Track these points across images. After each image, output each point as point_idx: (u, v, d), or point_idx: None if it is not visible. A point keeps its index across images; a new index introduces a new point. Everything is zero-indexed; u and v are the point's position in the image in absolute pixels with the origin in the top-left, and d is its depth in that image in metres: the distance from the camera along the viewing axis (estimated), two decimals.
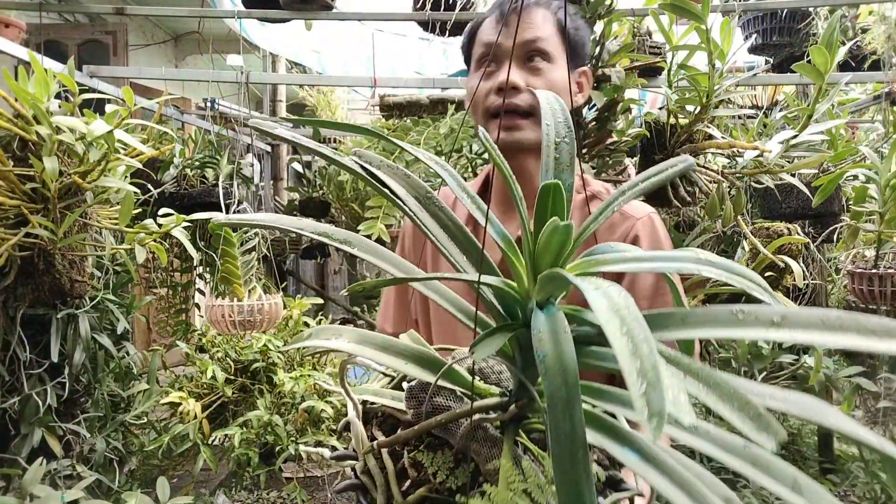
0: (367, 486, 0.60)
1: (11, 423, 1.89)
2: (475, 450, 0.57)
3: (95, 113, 1.73)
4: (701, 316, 0.49)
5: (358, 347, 0.60)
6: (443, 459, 0.58)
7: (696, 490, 0.44)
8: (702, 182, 1.95)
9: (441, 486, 0.57)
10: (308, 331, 0.63)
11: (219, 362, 2.89)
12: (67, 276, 1.80)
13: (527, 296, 0.53)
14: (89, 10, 3.31)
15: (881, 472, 2.60)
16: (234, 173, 2.81)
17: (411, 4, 3.08)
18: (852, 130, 4.24)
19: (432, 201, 0.61)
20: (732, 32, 1.83)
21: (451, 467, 0.57)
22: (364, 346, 0.60)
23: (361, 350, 0.60)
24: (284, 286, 4.24)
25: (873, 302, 2.24)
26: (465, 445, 0.57)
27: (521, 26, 0.99)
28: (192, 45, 5.82)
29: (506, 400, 0.58)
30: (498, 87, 0.99)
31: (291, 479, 2.99)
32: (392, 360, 0.60)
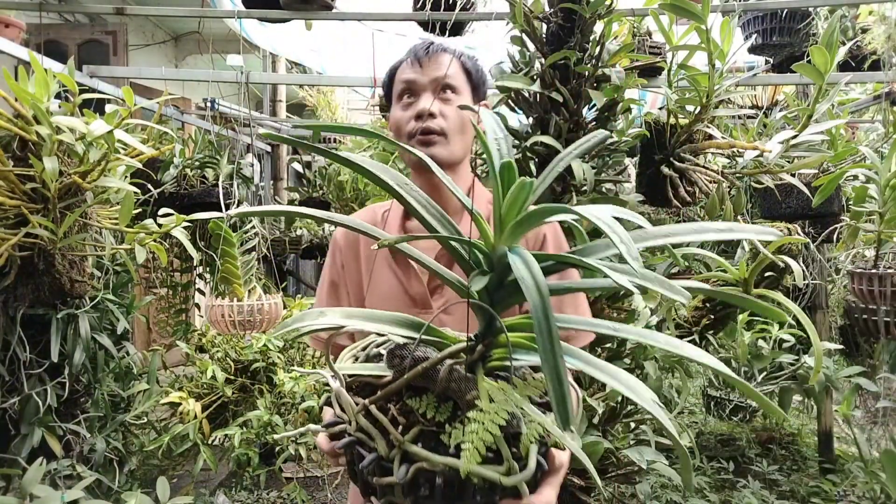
0: (364, 439, 0.69)
1: (11, 423, 1.89)
2: (454, 389, 0.69)
3: (95, 113, 1.74)
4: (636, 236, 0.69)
5: (347, 320, 0.72)
6: (428, 400, 0.70)
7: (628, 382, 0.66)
8: (702, 182, 1.95)
9: (431, 422, 0.68)
10: (292, 317, 0.73)
11: (219, 362, 2.89)
12: (67, 276, 1.80)
13: (493, 249, 0.68)
14: (89, 10, 3.31)
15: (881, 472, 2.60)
16: (234, 173, 2.81)
17: (411, 4, 3.08)
18: (852, 130, 4.24)
19: (409, 187, 0.73)
20: (732, 32, 1.83)
21: (436, 406, 0.69)
22: (351, 318, 0.73)
23: (350, 322, 0.72)
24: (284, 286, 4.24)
25: (873, 302, 2.24)
26: (444, 387, 0.69)
27: (432, 66, 1.23)
28: (192, 45, 5.82)
29: (473, 343, 0.71)
30: (417, 114, 1.20)
31: (291, 479, 3.00)
32: (378, 326, 0.73)
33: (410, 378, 0.69)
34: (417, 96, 1.22)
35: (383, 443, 0.68)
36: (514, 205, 0.66)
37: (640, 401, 0.65)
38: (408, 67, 1.24)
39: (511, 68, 2.07)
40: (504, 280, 0.69)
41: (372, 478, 0.68)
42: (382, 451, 0.67)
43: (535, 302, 0.56)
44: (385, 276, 1.24)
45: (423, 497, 0.66)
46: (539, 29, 1.97)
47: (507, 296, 0.70)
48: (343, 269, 1.28)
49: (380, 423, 0.69)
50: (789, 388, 2.94)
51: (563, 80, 1.94)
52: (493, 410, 0.64)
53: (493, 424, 0.63)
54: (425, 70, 1.22)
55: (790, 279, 2.23)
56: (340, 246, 1.30)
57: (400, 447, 0.67)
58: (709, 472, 3.50)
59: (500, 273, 0.68)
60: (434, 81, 1.22)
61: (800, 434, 4.03)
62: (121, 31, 3.81)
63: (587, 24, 1.92)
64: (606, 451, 1.83)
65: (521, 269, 0.60)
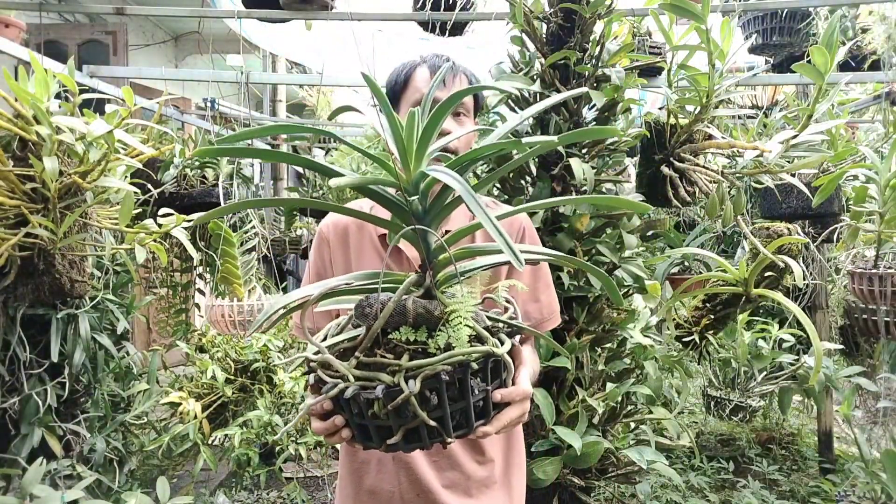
0: (366, 384, 0.77)
1: (11, 423, 1.89)
2: (421, 314, 0.80)
3: (95, 113, 1.73)
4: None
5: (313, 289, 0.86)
6: (406, 330, 0.80)
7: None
8: (702, 182, 1.95)
9: (416, 344, 0.79)
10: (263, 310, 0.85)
11: (219, 362, 2.89)
12: (67, 276, 1.80)
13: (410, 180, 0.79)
14: (89, 10, 3.31)
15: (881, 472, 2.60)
16: (234, 173, 2.81)
17: (411, 4, 3.08)
18: (852, 130, 4.23)
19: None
20: (732, 32, 1.83)
21: (414, 331, 0.80)
22: (317, 288, 0.86)
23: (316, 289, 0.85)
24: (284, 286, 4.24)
25: (873, 302, 2.23)
26: (415, 315, 0.80)
27: (455, 85, 1.30)
28: (192, 45, 5.82)
29: (421, 274, 0.84)
30: None
31: (291, 479, 2.99)
32: (342, 283, 0.86)
33: (386, 317, 0.78)
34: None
35: (386, 376, 0.76)
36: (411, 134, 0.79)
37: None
38: (424, 79, 1.29)
39: (511, 68, 2.07)
40: (426, 205, 0.81)
41: (384, 410, 0.74)
42: (389, 381, 0.75)
43: (460, 187, 0.68)
44: (374, 265, 1.28)
45: (434, 407, 0.75)
46: (539, 29, 1.97)
47: (433, 218, 0.82)
48: (330, 261, 1.32)
49: (376, 363, 0.78)
50: (789, 388, 2.94)
51: (563, 80, 1.94)
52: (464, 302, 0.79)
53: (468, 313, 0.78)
54: (447, 90, 1.27)
55: (790, 279, 2.23)
56: (327, 238, 1.34)
57: (402, 369, 0.75)
58: (709, 472, 3.50)
59: (422, 196, 0.79)
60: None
61: (800, 434, 4.03)
62: (121, 31, 3.81)
63: (587, 24, 1.92)
64: (606, 451, 1.83)
65: (439, 171, 0.71)
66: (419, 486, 1.20)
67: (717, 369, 3.65)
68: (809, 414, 4.07)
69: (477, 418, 0.81)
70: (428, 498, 1.20)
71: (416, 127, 0.79)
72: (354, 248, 1.31)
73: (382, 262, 1.26)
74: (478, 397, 0.80)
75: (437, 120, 0.79)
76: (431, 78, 1.27)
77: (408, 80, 1.31)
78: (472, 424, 0.80)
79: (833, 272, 3.39)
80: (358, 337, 0.82)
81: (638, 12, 2.50)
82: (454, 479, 1.22)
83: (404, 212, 0.81)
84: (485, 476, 1.24)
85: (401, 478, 1.21)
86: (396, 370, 0.75)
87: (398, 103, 1.33)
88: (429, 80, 1.28)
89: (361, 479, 1.26)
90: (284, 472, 2.81)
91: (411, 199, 0.79)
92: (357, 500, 1.26)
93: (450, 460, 1.22)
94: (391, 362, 0.76)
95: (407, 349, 0.78)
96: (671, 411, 2.19)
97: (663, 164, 1.99)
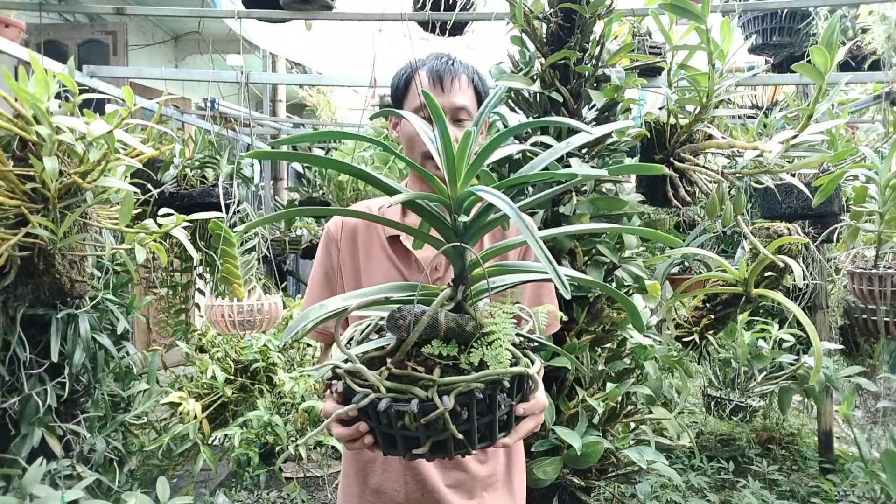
0: (398, 396, 0.77)
1: (11, 423, 1.89)
2: (452, 328, 0.80)
3: (95, 113, 1.73)
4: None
5: (345, 302, 0.84)
6: (438, 344, 0.79)
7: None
8: (702, 182, 1.95)
9: (447, 358, 0.79)
10: (295, 318, 0.82)
11: (219, 362, 2.89)
12: (67, 276, 1.80)
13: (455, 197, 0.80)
14: (89, 10, 3.31)
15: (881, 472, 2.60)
16: (234, 173, 2.81)
17: (411, 4, 3.07)
18: (852, 130, 4.23)
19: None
20: (732, 32, 1.83)
21: (446, 346, 0.79)
22: (349, 300, 0.85)
23: (349, 302, 0.83)
24: (284, 286, 4.24)
25: (873, 302, 2.23)
26: (447, 329, 0.79)
27: (452, 91, 1.28)
28: (192, 45, 5.82)
29: (454, 288, 0.84)
30: None
31: (291, 479, 2.99)
32: (376, 297, 0.85)
33: (420, 330, 0.78)
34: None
35: (419, 390, 0.76)
36: (463, 154, 0.78)
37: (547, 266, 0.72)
38: (429, 87, 1.27)
39: (511, 68, 2.07)
40: (468, 222, 0.81)
41: (415, 423, 0.75)
42: (422, 395, 0.75)
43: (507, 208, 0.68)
44: (384, 266, 1.28)
45: (464, 421, 0.76)
46: (539, 29, 1.97)
47: (472, 235, 0.82)
48: (339, 261, 1.31)
49: (409, 376, 0.78)
50: (789, 388, 2.94)
51: (563, 80, 1.93)
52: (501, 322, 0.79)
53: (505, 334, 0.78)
54: (446, 95, 1.26)
55: (790, 279, 2.23)
56: (336, 237, 1.33)
57: (435, 384, 0.75)
58: (709, 472, 3.50)
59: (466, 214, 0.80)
60: (452, 109, 1.27)
61: (800, 434, 4.03)
62: (121, 31, 3.81)
63: (587, 24, 1.92)
64: (606, 451, 1.83)
65: (488, 191, 0.72)
66: (424, 486, 1.20)
67: (717, 369, 3.65)
68: (809, 414, 4.08)
69: (499, 430, 0.82)
70: (433, 498, 1.20)
71: (468, 148, 0.79)
72: (363, 248, 1.30)
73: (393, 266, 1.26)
74: (503, 411, 0.81)
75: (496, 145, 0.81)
76: (430, 83, 1.27)
77: (408, 84, 1.31)
78: (496, 437, 0.82)
79: (833, 272, 3.39)
80: (386, 347, 0.82)
81: (638, 12, 2.49)
82: (459, 480, 1.22)
83: (445, 227, 0.82)
84: (488, 475, 1.24)
85: (406, 477, 1.21)
86: (430, 385, 0.76)
87: (401, 107, 1.33)
88: (428, 84, 1.28)
89: (367, 478, 1.25)
90: (284, 472, 2.81)
91: (456, 216, 0.80)
92: (362, 498, 1.25)
93: (455, 460, 1.22)
94: (424, 376, 0.77)
95: (438, 363, 0.79)
96: (671, 411, 2.19)
97: (663, 164, 1.99)
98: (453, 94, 1.27)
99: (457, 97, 1.27)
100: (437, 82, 1.27)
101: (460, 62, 1.31)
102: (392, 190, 0.80)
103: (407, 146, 1.31)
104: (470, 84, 1.30)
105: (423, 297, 0.84)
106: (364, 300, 0.84)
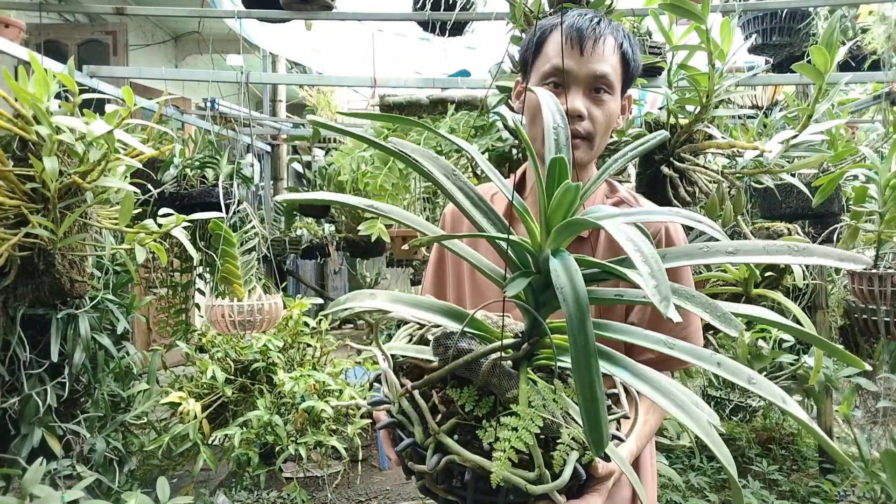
0: (404, 422, 0.71)
1: (11, 423, 1.89)
2: (495, 384, 0.68)
3: (95, 113, 1.73)
4: (676, 252, 0.66)
5: (392, 305, 0.73)
6: (468, 393, 0.69)
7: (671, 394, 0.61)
8: (702, 182, 1.95)
9: (469, 415, 0.68)
10: (344, 296, 0.74)
11: (219, 362, 2.88)
12: (67, 276, 1.80)
13: (539, 248, 0.67)
14: (89, 10, 3.31)
15: (881, 472, 2.60)
16: (234, 173, 2.81)
17: (411, 4, 3.08)
18: (852, 130, 4.23)
19: (457, 177, 0.72)
20: (732, 32, 1.83)
21: (476, 400, 0.68)
22: (397, 303, 0.73)
23: (395, 307, 0.73)
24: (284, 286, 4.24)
25: (873, 302, 2.23)
26: (486, 381, 0.68)
27: (593, 56, 1.07)
28: (192, 45, 5.82)
29: (519, 340, 0.71)
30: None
31: (291, 479, 2.99)
32: (422, 313, 0.73)
33: (451, 369, 0.69)
34: (567, 88, 1.08)
35: (420, 429, 0.69)
36: (560, 208, 0.65)
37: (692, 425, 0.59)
38: (564, 49, 1.08)
39: (511, 68, 2.07)
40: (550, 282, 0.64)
41: (407, 461, 0.70)
42: (419, 437, 0.69)
43: (572, 313, 0.53)
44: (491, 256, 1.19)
45: (455, 487, 0.67)
46: None
47: (553, 297, 0.67)
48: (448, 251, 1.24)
49: (420, 409, 0.70)
50: (789, 388, 2.94)
51: None
52: (529, 416, 0.63)
53: (526, 432, 0.62)
54: (585, 60, 1.07)
55: (790, 279, 2.23)
56: (448, 222, 1.26)
57: (435, 437, 0.67)
58: (709, 472, 3.49)
59: (546, 275, 0.65)
60: (590, 77, 1.07)
61: (800, 434, 4.03)
62: (121, 31, 3.81)
63: None
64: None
65: (561, 276, 0.57)
66: None
67: None
68: (809, 414, 4.07)
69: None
70: None
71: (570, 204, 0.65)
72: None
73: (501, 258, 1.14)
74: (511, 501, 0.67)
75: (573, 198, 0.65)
76: (567, 45, 1.08)
77: (540, 46, 1.12)
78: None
79: (833, 272, 3.39)
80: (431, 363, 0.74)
81: (638, 12, 2.49)
82: None
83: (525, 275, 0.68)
84: None
85: None
86: (430, 434, 0.68)
87: (528, 71, 1.14)
88: (566, 49, 1.08)
89: None
90: (284, 472, 2.80)
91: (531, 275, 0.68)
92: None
93: None
94: (431, 423, 0.68)
95: (458, 413, 0.69)
96: None
97: (663, 164, 1.99)
98: (594, 59, 1.07)
99: (598, 64, 1.07)
100: (575, 43, 1.07)
101: (608, 22, 1.10)
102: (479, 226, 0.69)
103: (529, 119, 1.12)
104: (617, 49, 1.09)
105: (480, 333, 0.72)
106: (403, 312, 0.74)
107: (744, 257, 0.62)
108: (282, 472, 2.70)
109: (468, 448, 0.65)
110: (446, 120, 3.04)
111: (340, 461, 2.93)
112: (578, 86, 1.07)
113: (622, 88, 1.13)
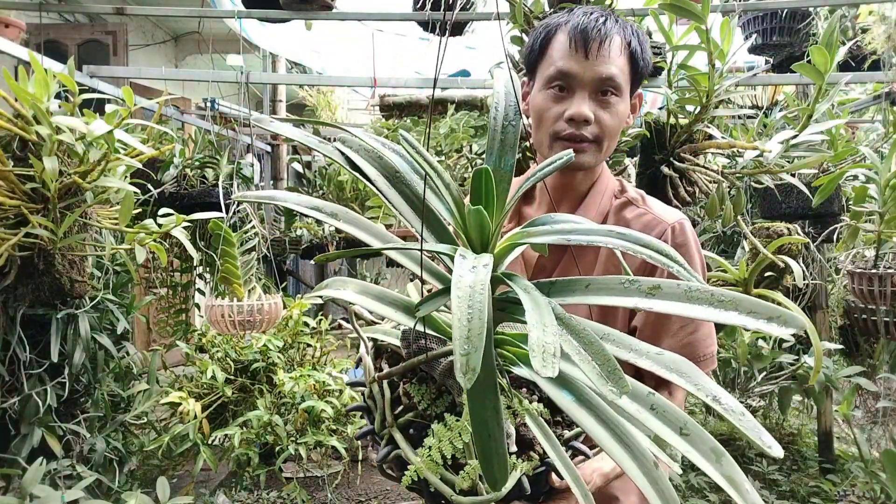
0: (371, 408, 0.73)
1: (11, 423, 1.89)
2: (451, 385, 0.69)
3: (95, 113, 1.73)
4: (599, 284, 0.60)
5: (358, 297, 0.72)
6: (427, 391, 0.69)
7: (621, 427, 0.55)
8: (702, 182, 1.95)
9: (425, 413, 0.69)
10: (324, 282, 0.74)
11: (219, 362, 2.88)
12: (67, 276, 1.80)
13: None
14: (89, 10, 3.31)
15: (881, 471, 2.60)
16: (234, 173, 2.81)
17: (411, 4, 3.08)
18: (852, 130, 4.23)
19: (400, 180, 0.71)
20: (732, 32, 1.83)
21: (434, 398, 0.69)
22: (363, 296, 0.72)
23: (361, 300, 0.72)
24: (284, 286, 4.24)
25: (873, 302, 2.24)
26: (443, 381, 0.69)
27: (599, 58, 1.03)
28: (192, 45, 5.82)
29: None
30: (569, 117, 1.04)
31: (291, 479, 2.99)
32: (384, 308, 0.72)
33: (408, 367, 0.69)
34: (572, 92, 1.05)
35: (380, 419, 0.70)
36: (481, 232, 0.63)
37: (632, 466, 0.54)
38: (568, 52, 1.04)
39: (511, 68, 2.07)
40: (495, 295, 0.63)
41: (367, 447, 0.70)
42: (377, 427, 0.70)
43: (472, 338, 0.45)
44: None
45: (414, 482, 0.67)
46: None
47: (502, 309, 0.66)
48: None
49: (380, 398, 0.71)
50: (789, 388, 2.94)
51: None
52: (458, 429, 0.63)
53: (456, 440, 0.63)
54: (590, 64, 1.03)
55: (790, 279, 2.23)
56: None
57: (389, 429, 0.68)
58: None
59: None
60: (596, 80, 1.04)
61: (800, 434, 4.03)
62: (121, 31, 3.81)
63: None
64: None
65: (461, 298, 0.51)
66: None
67: (717, 369, 3.65)
68: (809, 414, 4.07)
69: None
70: None
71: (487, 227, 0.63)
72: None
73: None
74: None
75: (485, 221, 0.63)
76: (571, 48, 1.03)
77: (544, 48, 1.08)
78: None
79: (833, 272, 3.39)
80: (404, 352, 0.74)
81: (638, 12, 2.49)
82: None
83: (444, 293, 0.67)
84: None
85: None
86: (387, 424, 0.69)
87: (534, 74, 1.11)
88: (568, 51, 1.04)
89: None
90: (284, 472, 2.80)
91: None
92: None
93: None
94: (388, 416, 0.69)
95: (415, 408, 0.69)
96: None
97: (663, 164, 1.99)
98: (599, 61, 1.02)
99: (603, 66, 1.03)
100: (579, 45, 1.03)
101: (616, 20, 1.06)
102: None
103: (535, 122, 1.09)
104: (624, 49, 1.05)
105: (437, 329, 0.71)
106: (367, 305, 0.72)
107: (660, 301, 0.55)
108: (282, 472, 2.70)
109: (419, 445, 0.65)
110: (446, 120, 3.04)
111: (340, 461, 2.93)
112: (584, 89, 1.04)
113: (631, 88, 1.09)
